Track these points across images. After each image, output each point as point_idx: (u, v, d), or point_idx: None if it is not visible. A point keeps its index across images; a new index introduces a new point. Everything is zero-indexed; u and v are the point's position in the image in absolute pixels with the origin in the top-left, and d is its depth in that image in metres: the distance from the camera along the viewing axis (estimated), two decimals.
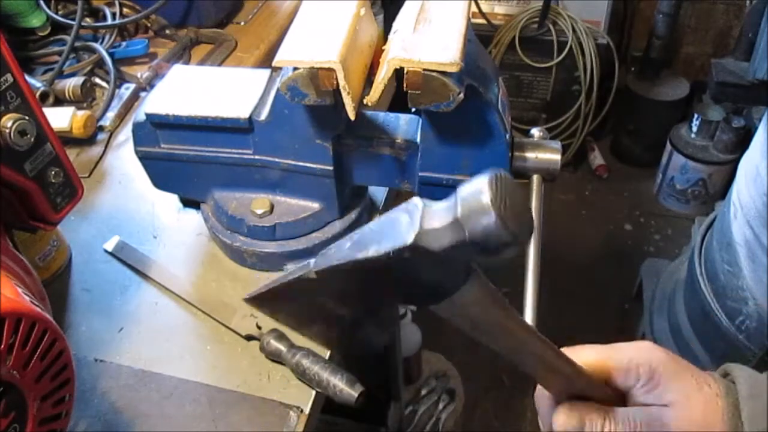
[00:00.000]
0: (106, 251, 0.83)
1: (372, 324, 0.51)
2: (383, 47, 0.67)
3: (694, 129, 2.35)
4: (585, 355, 0.51)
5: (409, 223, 0.38)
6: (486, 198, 0.36)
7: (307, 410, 0.66)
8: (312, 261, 0.44)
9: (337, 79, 0.63)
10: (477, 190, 0.36)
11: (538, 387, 0.53)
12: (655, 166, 2.56)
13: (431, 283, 0.41)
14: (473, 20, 1.17)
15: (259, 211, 0.77)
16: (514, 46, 2.43)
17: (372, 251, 0.40)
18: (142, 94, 1.14)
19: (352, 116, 0.65)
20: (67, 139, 0.99)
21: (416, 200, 0.40)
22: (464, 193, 0.37)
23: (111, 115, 1.07)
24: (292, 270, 0.46)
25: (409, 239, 0.38)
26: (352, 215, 0.81)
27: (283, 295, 0.48)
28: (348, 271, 0.42)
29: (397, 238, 0.38)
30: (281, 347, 0.69)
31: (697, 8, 2.55)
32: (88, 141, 1.03)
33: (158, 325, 0.75)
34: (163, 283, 0.79)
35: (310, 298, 0.47)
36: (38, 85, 1.06)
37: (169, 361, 0.71)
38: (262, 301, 0.50)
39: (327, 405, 0.70)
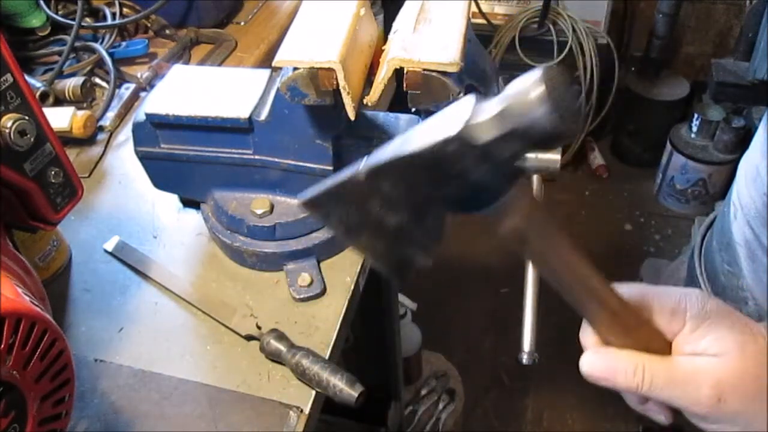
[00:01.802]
0: (106, 251, 0.83)
1: (419, 236, 0.49)
2: (383, 47, 0.67)
3: (694, 129, 2.35)
4: (626, 290, 0.47)
5: (457, 116, 0.39)
6: (534, 91, 0.36)
7: (307, 410, 0.66)
8: (362, 161, 0.44)
9: (337, 79, 0.63)
10: (525, 84, 0.37)
11: (583, 325, 0.50)
12: (655, 166, 2.56)
13: (478, 185, 0.41)
14: (473, 20, 1.17)
15: (259, 211, 0.77)
16: (514, 46, 2.43)
17: (419, 144, 0.40)
18: (142, 94, 1.13)
19: (352, 116, 0.65)
20: (67, 139, 0.99)
21: (468, 97, 0.40)
22: (513, 88, 0.38)
23: (111, 115, 1.07)
24: (343, 172, 0.45)
25: (455, 130, 0.38)
26: None
27: (334, 199, 0.47)
28: (396, 171, 0.42)
29: (444, 130, 0.39)
30: (281, 347, 0.69)
31: (697, 8, 2.55)
32: (88, 141, 1.03)
33: (158, 325, 0.75)
34: (163, 283, 0.79)
35: (359, 202, 0.46)
36: (38, 85, 1.06)
37: (169, 361, 0.71)
38: (314, 204, 0.48)
39: (327, 405, 0.70)
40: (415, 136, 0.41)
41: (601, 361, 0.47)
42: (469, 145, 0.38)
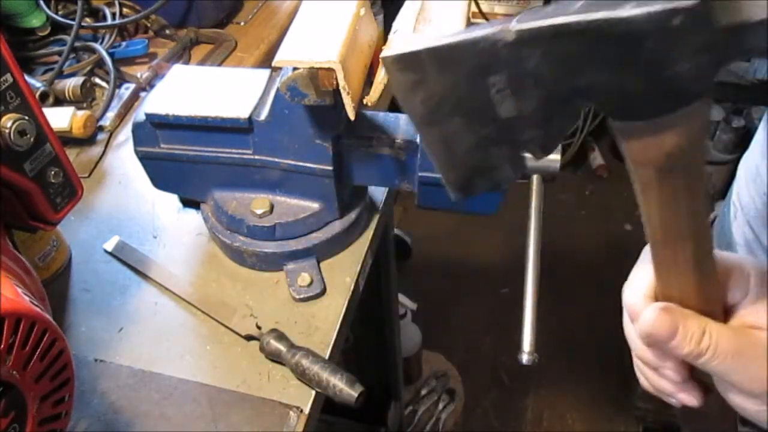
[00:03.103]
0: (106, 251, 0.83)
1: (528, 139, 0.38)
2: (383, 47, 0.67)
3: None
4: None
5: None
6: None
7: (307, 410, 0.66)
8: (514, 20, 0.34)
9: (337, 79, 0.63)
10: None
11: (633, 278, 0.46)
12: None
13: (664, 83, 0.32)
14: (473, 20, 1.17)
15: (259, 211, 0.77)
16: None
17: (629, 10, 0.31)
18: (142, 94, 1.13)
19: (352, 116, 0.65)
20: (67, 139, 0.99)
21: None
22: None
23: (111, 115, 1.07)
24: (474, 29, 0.35)
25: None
26: (352, 215, 0.81)
27: (444, 62, 0.36)
28: (567, 40, 0.33)
29: None
30: (281, 347, 0.69)
31: None
32: (88, 141, 1.03)
33: (158, 325, 0.75)
34: (163, 283, 0.79)
35: (479, 74, 0.36)
36: (38, 85, 1.06)
37: (169, 361, 0.71)
38: (410, 62, 0.37)
39: (327, 405, 0.70)
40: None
41: (668, 319, 0.42)
42: (704, 25, 0.30)
